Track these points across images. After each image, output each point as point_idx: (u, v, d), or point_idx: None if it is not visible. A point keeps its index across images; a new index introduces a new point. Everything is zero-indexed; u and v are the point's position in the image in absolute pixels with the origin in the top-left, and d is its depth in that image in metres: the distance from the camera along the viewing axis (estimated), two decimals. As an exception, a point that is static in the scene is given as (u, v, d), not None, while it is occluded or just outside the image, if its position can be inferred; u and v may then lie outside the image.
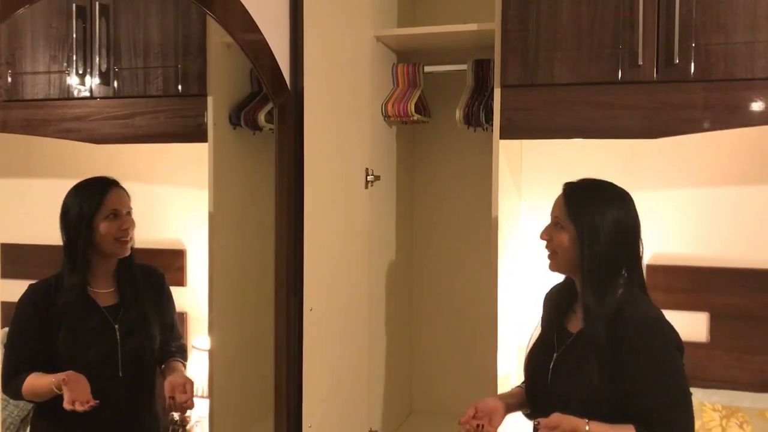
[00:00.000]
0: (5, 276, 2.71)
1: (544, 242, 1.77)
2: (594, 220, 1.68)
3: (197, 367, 2.55)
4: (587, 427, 1.58)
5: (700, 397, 2.36)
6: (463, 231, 2.68)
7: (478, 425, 1.73)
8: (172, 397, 1.96)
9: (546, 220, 1.81)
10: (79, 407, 1.66)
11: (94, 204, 1.84)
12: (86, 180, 1.93)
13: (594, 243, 1.66)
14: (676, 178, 2.47)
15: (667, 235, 2.48)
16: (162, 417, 2.08)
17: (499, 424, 1.79)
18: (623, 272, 1.70)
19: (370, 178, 2.17)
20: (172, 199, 2.04)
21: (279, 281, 1.93)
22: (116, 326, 1.84)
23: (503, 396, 1.89)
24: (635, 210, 1.76)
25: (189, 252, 2.14)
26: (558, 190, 2.49)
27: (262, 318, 2.13)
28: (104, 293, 1.84)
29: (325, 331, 1.93)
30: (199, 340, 2.54)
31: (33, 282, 1.80)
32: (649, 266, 2.47)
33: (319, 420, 1.89)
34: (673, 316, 2.45)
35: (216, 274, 2.29)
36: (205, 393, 2.44)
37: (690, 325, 2.45)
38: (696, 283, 2.44)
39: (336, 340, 2.01)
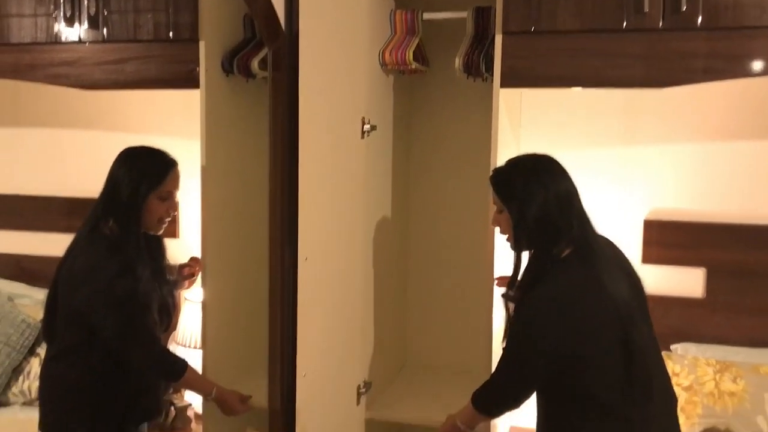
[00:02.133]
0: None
1: None
2: (519, 199, 1.68)
3: (190, 320, 2.54)
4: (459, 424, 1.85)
5: (694, 352, 2.37)
6: (459, 182, 2.64)
7: None
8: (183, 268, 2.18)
9: None
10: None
11: (153, 183, 1.85)
12: (147, 151, 1.93)
13: (521, 220, 1.68)
14: (674, 131, 2.44)
15: (664, 190, 2.46)
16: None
17: None
18: (561, 243, 1.66)
19: (366, 127, 2.13)
20: (164, 149, 2.00)
21: (273, 231, 1.90)
22: (157, 284, 1.91)
23: None
24: (566, 178, 1.71)
25: (181, 203, 2.11)
26: (556, 144, 2.46)
27: (256, 269, 2.11)
28: None
29: (319, 281, 1.91)
30: (191, 293, 2.52)
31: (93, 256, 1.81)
32: (645, 222, 2.46)
33: (313, 369, 1.88)
34: (668, 273, 2.46)
35: (209, 225, 2.26)
36: (198, 345, 2.44)
37: (686, 281, 2.45)
38: (693, 239, 2.43)
39: (331, 290, 1.99)
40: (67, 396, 1.85)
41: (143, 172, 1.86)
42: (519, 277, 1.74)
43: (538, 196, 1.65)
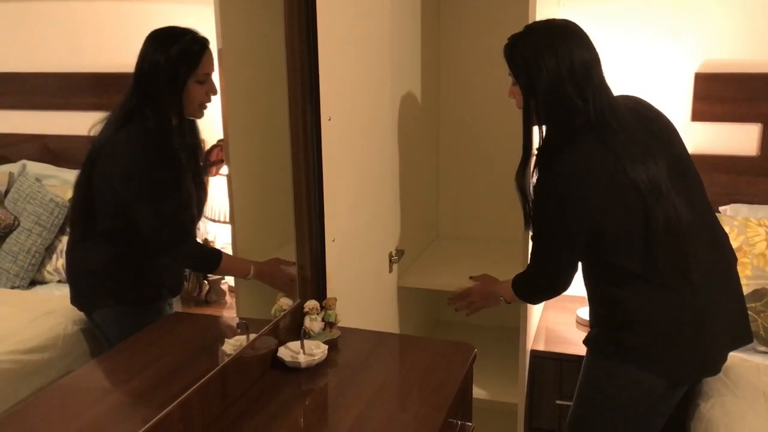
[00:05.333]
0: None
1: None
2: (528, 71, 1.57)
3: (218, 193, 2.49)
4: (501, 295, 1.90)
5: (745, 213, 2.24)
6: (494, 38, 2.46)
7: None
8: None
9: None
10: None
11: (191, 67, 1.73)
12: (177, 31, 1.78)
13: (531, 94, 1.58)
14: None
15: (718, 40, 2.27)
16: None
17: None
18: (576, 119, 1.55)
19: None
20: (180, 18, 1.87)
21: (293, 90, 1.79)
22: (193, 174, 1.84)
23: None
24: (584, 46, 1.56)
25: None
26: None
27: (280, 136, 2.02)
28: None
29: (345, 142, 1.81)
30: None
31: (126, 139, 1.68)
32: (696, 75, 2.28)
33: (342, 234, 1.81)
34: (720, 130, 2.30)
35: (229, 95, 2.15)
36: (227, 218, 2.40)
37: (739, 138, 2.30)
38: (749, 92, 2.26)
39: (357, 151, 1.89)
40: (95, 276, 1.85)
41: (178, 55, 1.73)
42: (533, 156, 1.66)
43: (549, 67, 1.53)
